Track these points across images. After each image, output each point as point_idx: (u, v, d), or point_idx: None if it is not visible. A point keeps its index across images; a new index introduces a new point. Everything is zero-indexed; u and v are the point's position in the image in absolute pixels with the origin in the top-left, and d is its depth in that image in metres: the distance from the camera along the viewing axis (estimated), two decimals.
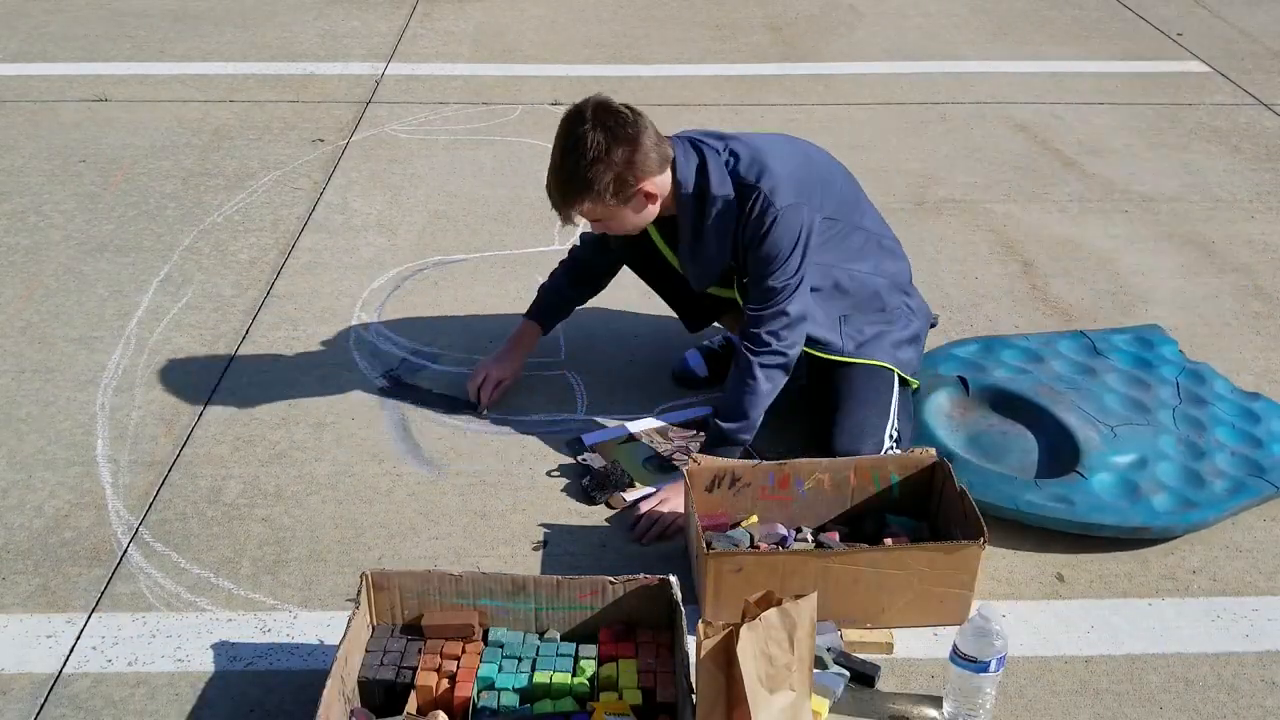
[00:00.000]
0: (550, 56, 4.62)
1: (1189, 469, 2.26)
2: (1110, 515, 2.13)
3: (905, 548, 1.92)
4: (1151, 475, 2.23)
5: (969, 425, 2.40)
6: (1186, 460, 2.28)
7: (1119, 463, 2.25)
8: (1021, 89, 4.36)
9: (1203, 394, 2.49)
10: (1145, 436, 2.32)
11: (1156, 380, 2.52)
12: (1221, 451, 2.32)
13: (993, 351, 2.60)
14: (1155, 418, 2.39)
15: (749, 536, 2.03)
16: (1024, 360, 2.57)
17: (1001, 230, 3.32)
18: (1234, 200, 3.54)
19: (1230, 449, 2.33)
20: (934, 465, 2.09)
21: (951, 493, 2.01)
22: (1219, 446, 2.33)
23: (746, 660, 1.51)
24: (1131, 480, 2.21)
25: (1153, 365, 2.58)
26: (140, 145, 3.77)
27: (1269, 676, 1.88)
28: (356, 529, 2.17)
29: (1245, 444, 2.35)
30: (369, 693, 1.75)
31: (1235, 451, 2.32)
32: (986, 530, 1.88)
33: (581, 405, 2.54)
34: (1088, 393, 2.44)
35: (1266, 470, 2.27)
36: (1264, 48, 4.86)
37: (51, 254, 3.12)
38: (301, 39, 4.79)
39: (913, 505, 2.12)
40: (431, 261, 3.12)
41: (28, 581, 2.04)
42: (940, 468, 2.08)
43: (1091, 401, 2.41)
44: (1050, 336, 2.69)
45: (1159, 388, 2.50)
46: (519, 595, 1.83)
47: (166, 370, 2.63)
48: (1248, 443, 2.36)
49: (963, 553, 1.89)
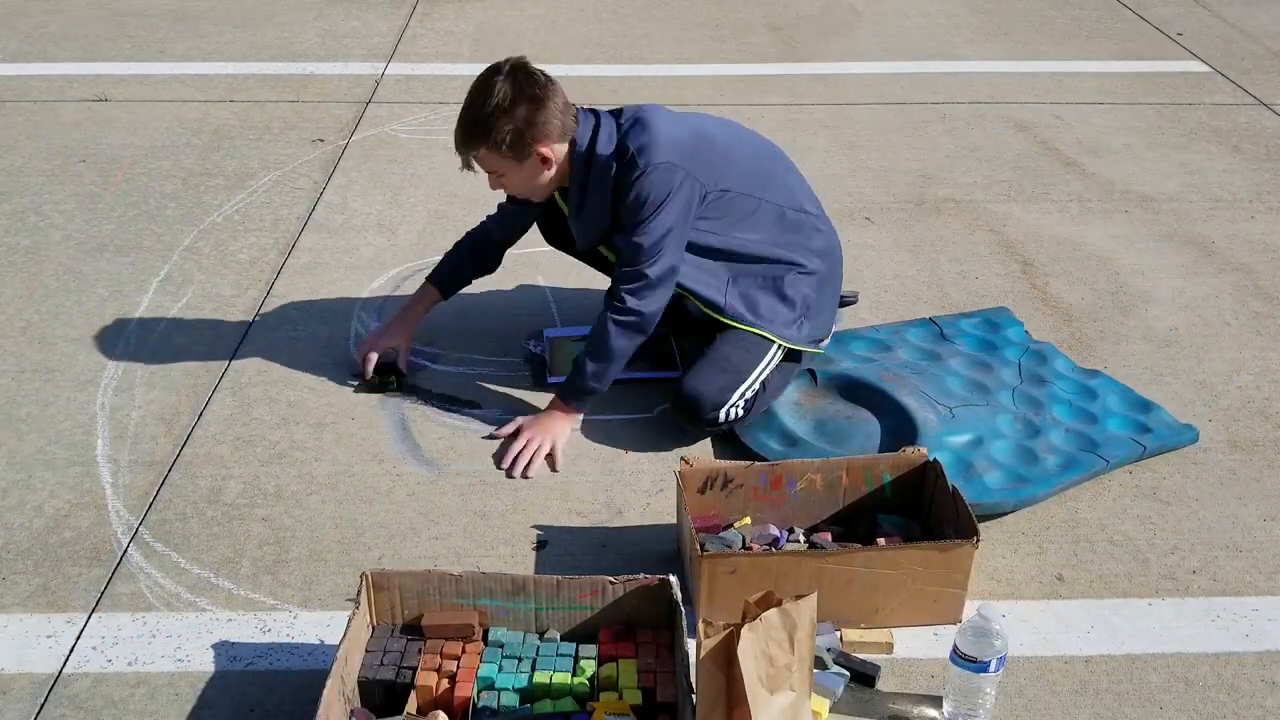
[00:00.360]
0: (550, 56, 4.62)
1: (1023, 446, 2.34)
2: None
3: (899, 547, 1.92)
4: (986, 454, 2.30)
5: (816, 412, 2.45)
6: (1021, 438, 2.36)
7: (955, 442, 2.32)
8: (1021, 89, 4.36)
9: (1043, 373, 2.60)
10: (983, 416, 2.40)
11: (999, 362, 2.62)
12: (1057, 429, 2.40)
13: (843, 343, 2.67)
14: (995, 398, 2.48)
15: (741, 538, 2.03)
16: (871, 350, 2.66)
17: (1001, 230, 3.32)
18: (1234, 200, 3.54)
19: (1065, 425, 2.41)
20: (925, 465, 2.10)
21: (943, 492, 2.02)
22: (1055, 424, 2.41)
23: (747, 660, 1.51)
24: (966, 459, 2.27)
25: (997, 347, 2.68)
26: (140, 145, 3.77)
27: (1269, 676, 1.88)
28: (356, 529, 2.17)
29: (1080, 420, 2.44)
30: (369, 693, 1.75)
31: (1070, 428, 2.41)
32: (979, 529, 1.88)
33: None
34: (930, 377, 2.52)
35: (1099, 445, 2.35)
36: (1264, 48, 4.86)
37: (51, 254, 3.12)
38: (301, 39, 4.79)
39: (904, 505, 2.13)
40: (431, 261, 3.11)
41: (28, 581, 2.04)
42: (932, 467, 2.08)
43: (934, 385, 2.49)
44: (899, 326, 2.78)
45: (1001, 369, 2.59)
46: (519, 595, 1.83)
47: (166, 370, 2.63)
48: (1083, 419, 2.44)
49: (956, 552, 1.89)
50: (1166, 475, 2.35)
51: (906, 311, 2.90)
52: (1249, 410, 2.56)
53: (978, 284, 3.05)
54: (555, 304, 2.92)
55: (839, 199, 3.43)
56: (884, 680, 1.85)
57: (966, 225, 3.35)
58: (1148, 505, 2.27)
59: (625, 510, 2.23)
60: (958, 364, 2.59)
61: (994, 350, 2.66)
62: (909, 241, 3.25)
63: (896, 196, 3.49)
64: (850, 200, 3.46)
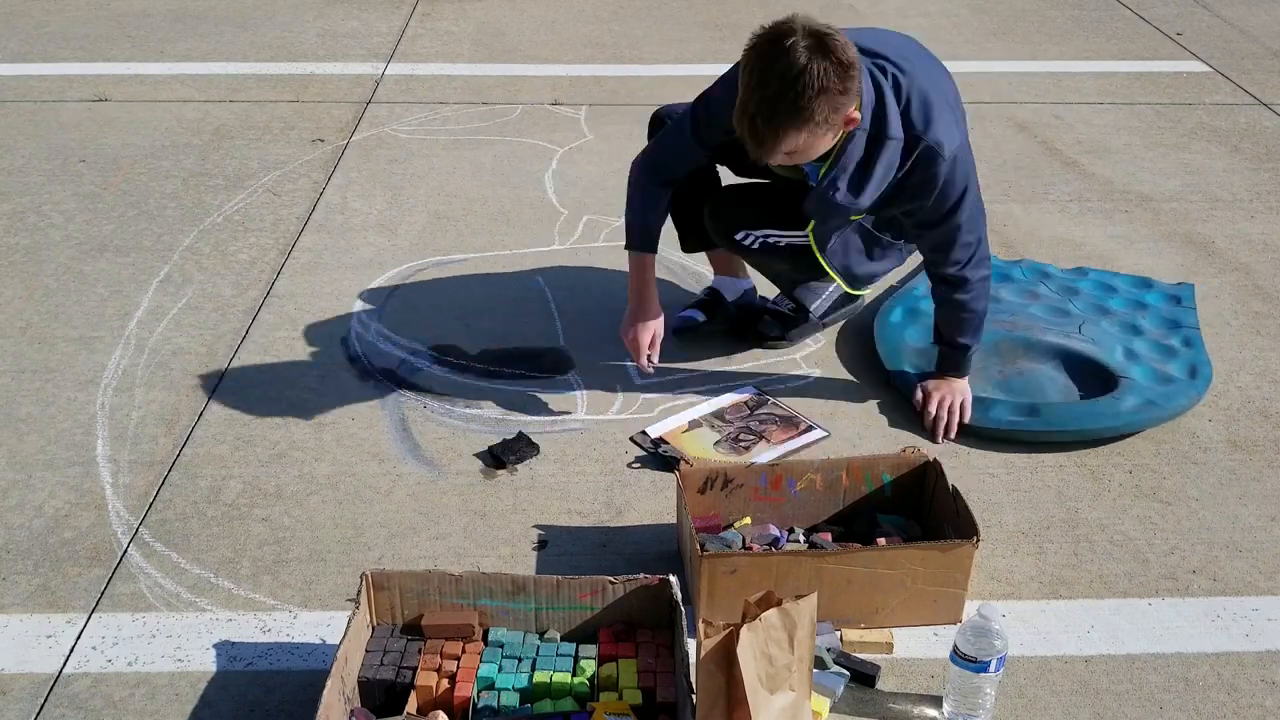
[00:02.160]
0: (550, 56, 4.62)
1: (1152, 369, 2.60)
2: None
3: (898, 547, 1.92)
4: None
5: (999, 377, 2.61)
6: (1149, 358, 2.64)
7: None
8: (1021, 89, 4.36)
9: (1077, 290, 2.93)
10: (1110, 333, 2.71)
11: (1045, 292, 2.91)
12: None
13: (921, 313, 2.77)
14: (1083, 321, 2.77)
15: (741, 538, 2.03)
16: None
17: (1001, 230, 3.32)
18: (1234, 200, 3.54)
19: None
20: (926, 465, 2.10)
21: (944, 492, 2.02)
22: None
23: (746, 661, 1.51)
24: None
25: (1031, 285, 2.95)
26: (140, 145, 3.78)
27: (1269, 676, 1.89)
28: (356, 529, 2.17)
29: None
30: (369, 693, 1.75)
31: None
32: (980, 529, 1.88)
33: (582, 406, 2.54)
34: (1033, 317, 2.77)
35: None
36: (1264, 48, 4.86)
37: (51, 254, 3.12)
38: (301, 39, 4.79)
39: (904, 505, 2.13)
40: (431, 261, 3.12)
41: (28, 581, 2.04)
42: (932, 467, 2.08)
43: (1049, 326, 2.73)
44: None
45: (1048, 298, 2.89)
46: (519, 595, 1.83)
47: (166, 370, 2.63)
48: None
49: (956, 552, 1.89)
50: (1166, 475, 2.35)
51: None
52: (1249, 410, 2.56)
53: None
54: (555, 304, 2.92)
55: None
56: (884, 680, 1.85)
57: None
58: (1148, 505, 2.27)
59: (625, 510, 2.23)
60: (1031, 304, 2.84)
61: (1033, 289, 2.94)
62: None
63: None
64: None
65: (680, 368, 2.65)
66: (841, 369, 2.67)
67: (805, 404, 2.53)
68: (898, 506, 2.13)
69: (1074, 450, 2.40)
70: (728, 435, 2.42)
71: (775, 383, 2.61)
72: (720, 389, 2.58)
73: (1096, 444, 2.40)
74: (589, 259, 3.12)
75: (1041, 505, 2.25)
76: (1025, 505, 2.26)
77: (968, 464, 2.36)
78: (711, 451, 2.37)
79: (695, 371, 2.65)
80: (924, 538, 2.05)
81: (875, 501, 2.13)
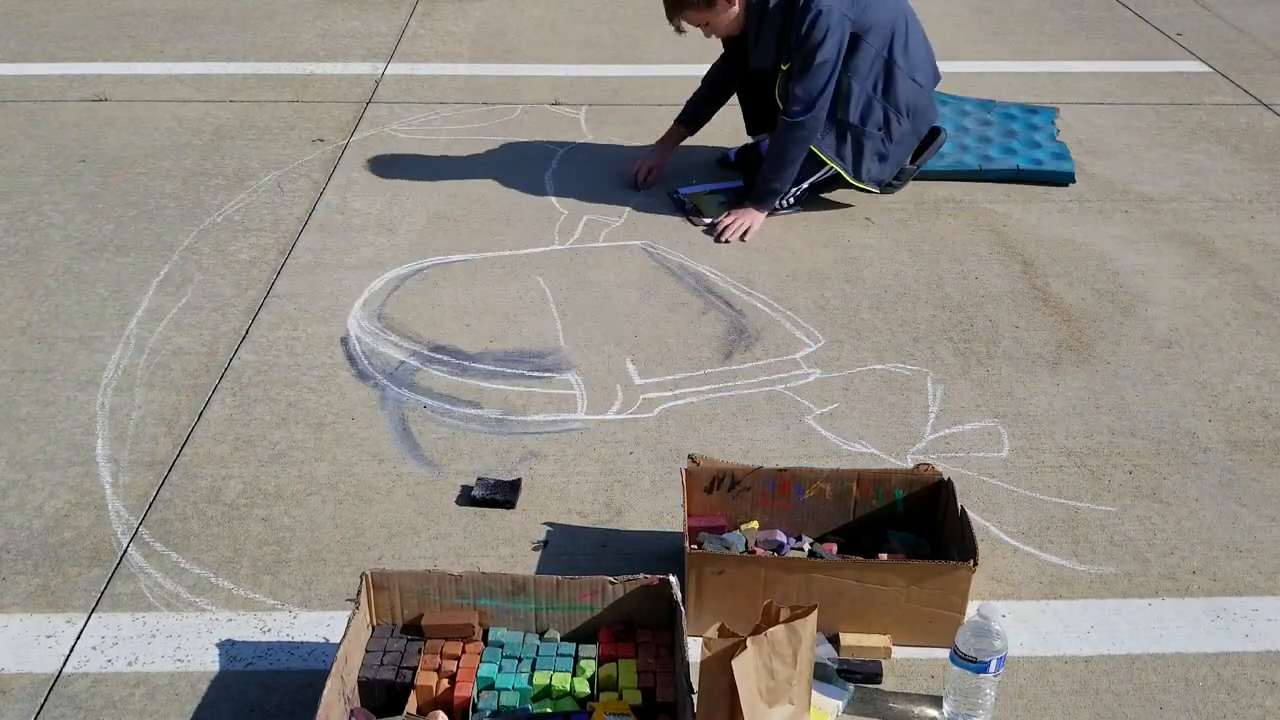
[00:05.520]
0: (550, 56, 4.62)
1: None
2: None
3: (891, 564, 1.88)
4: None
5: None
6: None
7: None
8: (1021, 89, 4.36)
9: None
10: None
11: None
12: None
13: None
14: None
15: (744, 541, 2.02)
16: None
17: (1001, 230, 3.32)
18: (1234, 200, 3.54)
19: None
20: (940, 483, 2.05)
21: (954, 513, 1.97)
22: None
23: (746, 675, 1.51)
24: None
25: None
26: (140, 145, 3.77)
27: (1269, 676, 1.88)
28: (356, 529, 2.17)
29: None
30: (369, 693, 1.75)
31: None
32: (978, 554, 1.84)
33: (582, 406, 2.54)
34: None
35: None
36: (1264, 48, 4.86)
37: (51, 254, 3.12)
38: (301, 39, 4.79)
39: (918, 523, 2.08)
40: (431, 261, 3.12)
41: (28, 581, 2.04)
42: (945, 487, 2.04)
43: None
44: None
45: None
46: (519, 595, 1.83)
47: (166, 370, 2.63)
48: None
49: (952, 574, 1.84)
50: (1166, 475, 2.35)
51: (907, 311, 2.90)
52: (1249, 410, 2.56)
53: (978, 284, 3.05)
54: (555, 304, 2.92)
55: (839, 198, 3.43)
56: (884, 680, 1.85)
57: (966, 225, 3.35)
58: (1148, 505, 2.27)
59: (625, 510, 2.23)
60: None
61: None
62: (909, 241, 3.25)
63: (897, 196, 3.49)
64: (850, 200, 3.45)
65: (680, 371, 2.66)
66: (842, 369, 2.68)
67: (805, 403, 2.53)
68: (911, 524, 2.09)
69: (1074, 450, 2.40)
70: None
71: (775, 382, 2.61)
72: (720, 388, 2.58)
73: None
74: (589, 259, 3.12)
75: (1041, 505, 2.25)
76: (1025, 505, 2.26)
77: (968, 463, 2.36)
78: (716, 209, 3.34)
79: (695, 373, 2.65)
80: (933, 558, 2.00)
81: (888, 517, 2.09)
